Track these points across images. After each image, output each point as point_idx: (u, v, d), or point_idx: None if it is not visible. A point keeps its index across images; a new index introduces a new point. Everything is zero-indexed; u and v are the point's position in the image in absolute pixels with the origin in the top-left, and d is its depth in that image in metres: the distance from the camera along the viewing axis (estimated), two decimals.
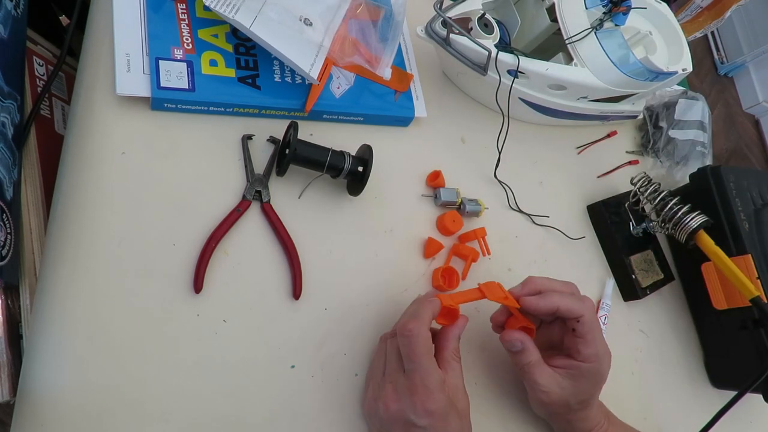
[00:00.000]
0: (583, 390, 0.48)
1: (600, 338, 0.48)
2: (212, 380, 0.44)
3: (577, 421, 0.50)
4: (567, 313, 0.47)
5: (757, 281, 0.61)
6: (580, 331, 0.47)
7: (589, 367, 0.47)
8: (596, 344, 0.47)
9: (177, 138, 0.49)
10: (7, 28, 0.49)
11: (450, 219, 0.58)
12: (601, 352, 0.47)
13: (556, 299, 0.47)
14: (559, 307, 0.47)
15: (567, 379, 0.48)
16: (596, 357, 0.47)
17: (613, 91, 0.62)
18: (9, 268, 0.43)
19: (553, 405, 0.49)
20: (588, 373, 0.47)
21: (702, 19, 1.92)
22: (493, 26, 0.58)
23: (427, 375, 0.41)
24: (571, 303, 0.47)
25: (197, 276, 0.45)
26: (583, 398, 0.48)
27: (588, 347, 0.47)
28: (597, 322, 0.48)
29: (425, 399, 0.41)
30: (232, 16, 0.48)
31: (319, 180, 0.53)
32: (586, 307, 0.47)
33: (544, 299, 0.47)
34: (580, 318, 0.47)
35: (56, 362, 0.40)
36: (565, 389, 0.48)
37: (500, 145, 0.62)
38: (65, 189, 0.45)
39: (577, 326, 0.47)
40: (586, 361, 0.47)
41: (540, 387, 0.47)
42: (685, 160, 0.76)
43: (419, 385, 0.41)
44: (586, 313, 0.47)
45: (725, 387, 0.69)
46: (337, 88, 0.56)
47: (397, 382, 0.43)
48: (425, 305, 0.45)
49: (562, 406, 0.49)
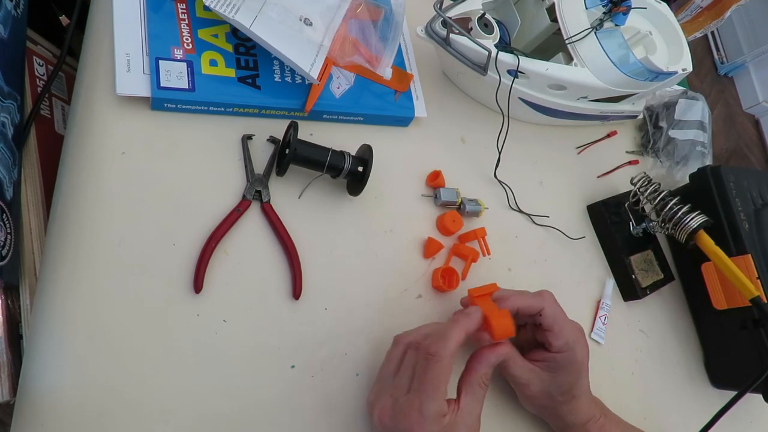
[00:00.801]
0: (563, 380, 0.49)
1: (567, 327, 0.48)
2: (212, 380, 0.44)
3: (567, 414, 0.50)
4: (528, 310, 0.48)
5: (757, 281, 0.61)
6: (545, 323, 0.48)
7: (563, 356, 0.48)
8: (564, 334, 0.48)
9: (177, 138, 0.49)
10: (7, 28, 0.49)
11: (450, 219, 0.58)
12: (571, 341, 0.48)
13: (512, 301, 0.48)
14: (518, 307, 0.48)
15: (545, 372, 0.49)
16: (567, 346, 0.48)
17: (613, 91, 0.62)
18: (9, 268, 0.43)
19: (537, 398, 0.50)
20: (564, 363, 0.48)
21: (702, 19, 1.92)
22: (493, 26, 0.58)
23: (428, 402, 0.40)
24: (528, 300, 0.48)
25: (197, 276, 0.45)
26: (566, 389, 0.49)
27: (557, 338, 0.48)
28: (560, 313, 0.49)
29: (416, 426, 0.40)
30: (232, 16, 0.48)
31: (319, 180, 0.53)
32: (545, 300, 0.48)
33: (504, 302, 0.48)
34: (541, 311, 0.48)
35: (56, 362, 0.40)
36: (544, 381, 0.49)
37: (500, 145, 0.62)
38: (65, 189, 0.45)
39: (541, 320, 0.48)
40: (559, 352, 0.48)
41: (519, 380, 0.49)
42: (685, 160, 0.76)
43: (415, 410, 0.40)
44: (545, 305, 0.48)
45: (725, 387, 0.69)
46: (337, 88, 0.56)
47: (398, 398, 0.42)
48: (457, 326, 0.43)
49: (546, 399, 0.49)
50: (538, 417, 0.54)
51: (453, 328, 0.43)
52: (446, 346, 0.42)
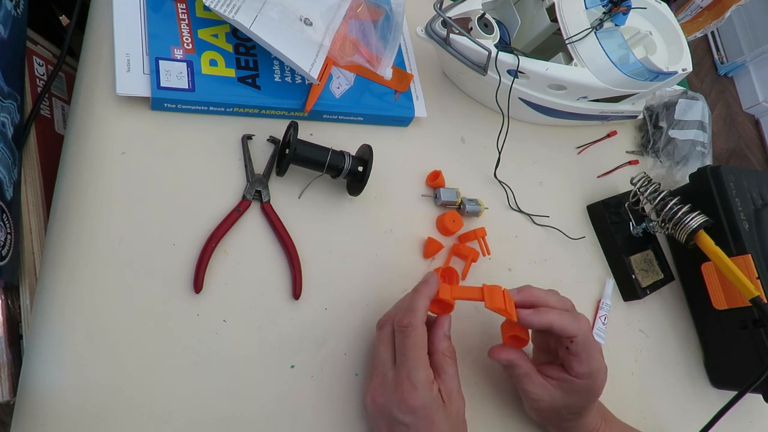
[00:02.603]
0: (575, 403, 0.48)
1: (595, 357, 0.47)
2: (212, 380, 0.44)
3: (571, 429, 0.50)
4: (561, 332, 0.46)
5: (757, 281, 0.61)
6: (573, 350, 0.46)
7: (582, 384, 0.47)
8: (590, 363, 0.46)
9: (177, 138, 0.49)
10: (7, 28, 0.49)
11: (450, 219, 0.58)
12: (594, 370, 0.46)
13: (550, 316, 0.46)
14: (553, 324, 0.46)
15: (559, 391, 0.47)
16: (589, 375, 0.46)
17: (613, 91, 0.62)
18: (9, 268, 0.43)
19: (544, 412, 0.49)
20: (580, 389, 0.47)
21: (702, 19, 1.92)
22: (493, 26, 0.58)
23: (415, 370, 0.41)
24: (565, 322, 0.46)
25: (197, 276, 0.45)
26: (575, 410, 0.49)
27: (581, 366, 0.46)
28: (592, 341, 0.47)
29: (409, 395, 0.41)
30: (232, 16, 0.48)
31: (319, 180, 0.53)
32: (581, 327, 0.46)
33: (539, 315, 0.46)
34: (574, 338, 0.46)
35: (56, 362, 0.40)
36: (556, 399, 0.48)
37: (500, 145, 0.62)
38: (65, 189, 0.45)
39: (570, 345, 0.46)
40: (579, 378, 0.47)
41: (531, 395, 0.48)
42: (685, 160, 0.76)
43: (405, 380, 0.41)
44: (579, 333, 0.46)
45: (725, 387, 0.69)
46: (337, 88, 0.56)
47: (386, 375, 0.43)
48: (420, 295, 0.45)
49: (554, 415, 0.49)
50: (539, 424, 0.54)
51: (417, 298, 0.44)
52: (416, 316, 0.43)
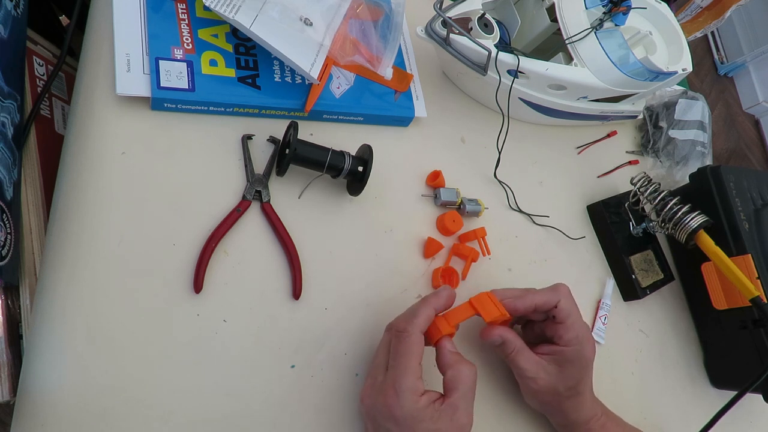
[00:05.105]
0: (570, 375, 0.49)
1: (579, 322, 0.49)
2: (212, 380, 0.44)
3: (570, 410, 0.50)
4: (545, 306, 0.49)
5: (757, 281, 0.61)
6: (559, 316, 0.49)
7: (572, 350, 0.48)
8: (575, 328, 0.49)
9: (177, 138, 0.49)
10: (7, 28, 0.49)
11: (450, 219, 0.58)
12: (581, 335, 0.49)
13: (531, 296, 0.49)
14: (535, 303, 0.49)
15: (552, 365, 0.49)
16: (577, 340, 0.48)
17: (613, 91, 0.62)
18: (9, 268, 0.43)
19: (542, 392, 0.50)
20: (572, 357, 0.49)
21: (702, 19, 1.92)
22: (493, 26, 0.58)
23: (401, 378, 0.41)
24: (545, 295, 0.49)
25: (197, 276, 0.45)
26: (571, 384, 0.49)
27: (568, 331, 0.48)
28: (574, 307, 0.50)
29: (391, 402, 0.40)
30: (232, 16, 0.48)
31: (319, 180, 0.53)
32: (561, 293, 0.49)
33: (522, 300, 0.49)
34: (557, 304, 0.49)
35: (56, 362, 0.40)
36: (551, 375, 0.49)
37: (500, 145, 0.62)
38: (65, 189, 0.45)
39: (555, 312, 0.49)
40: (569, 345, 0.48)
41: (526, 373, 0.49)
42: (685, 160, 0.76)
43: (390, 387, 0.41)
44: (561, 298, 0.49)
45: (725, 387, 0.69)
46: (337, 88, 0.56)
47: (377, 378, 0.43)
48: (426, 305, 0.45)
49: (552, 394, 0.49)
50: (539, 418, 0.54)
51: (421, 306, 0.45)
52: (414, 322, 0.43)
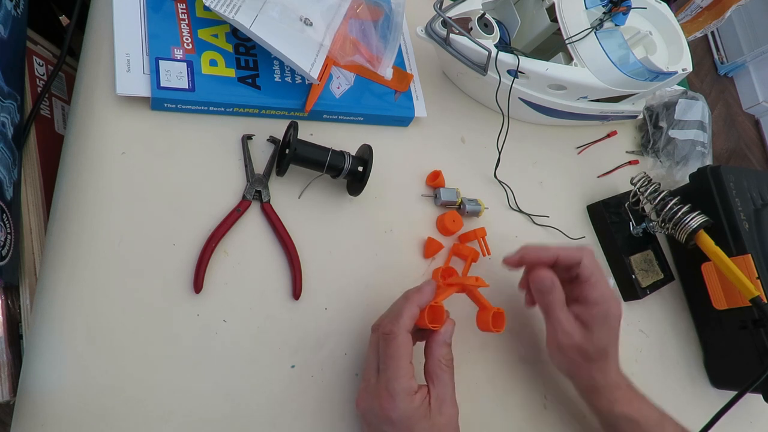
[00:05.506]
0: (599, 337, 0.49)
1: (603, 281, 0.50)
2: (212, 380, 0.44)
3: (597, 373, 0.50)
4: (567, 260, 0.50)
5: (757, 281, 0.61)
6: (582, 275, 0.49)
7: (599, 310, 0.49)
8: (601, 286, 0.49)
9: (177, 138, 0.49)
10: (7, 28, 0.49)
11: (450, 219, 0.58)
12: (607, 294, 0.49)
13: (555, 249, 0.50)
14: (558, 255, 0.50)
15: (581, 328, 0.49)
16: (603, 298, 0.49)
17: (613, 91, 0.62)
18: (9, 268, 0.43)
19: (572, 350, 0.49)
20: (599, 317, 0.49)
21: (702, 19, 1.92)
22: (493, 26, 0.58)
23: (394, 380, 0.41)
24: (569, 251, 0.50)
25: (197, 276, 0.45)
26: (601, 345, 0.49)
27: (593, 290, 0.49)
28: (597, 268, 0.50)
29: (387, 405, 0.40)
30: (232, 16, 0.48)
31: (319, 180, 0.53)
32: (584, 252, 0.50)
33: (546, 250, 0.50)
34: (580, 261, 0.49)
35: (56, 362, 0.40)
36: (582, 336, 0.49)
37: (500, 145, 0.62)
38: (65, 189, 0.45)
39: (579, 271, 0.50)
40: (596, 305, 0.49)
41: (563, 325, 0.49)
42: (685, 160, 0.76)
43: (383, 389, 0.41)
44: (584, 256, 0.50)
45: (725, 387, 0.69)
46: (337, 88, 0.56)
47: (370, 380, 0.43)
48: (409, 303, 0.44)
49: (580, 354, 0.49)
50: (541, 417, 0.54)
51: (405, 305, 0.44)
52: (399, 323, 0.43)
